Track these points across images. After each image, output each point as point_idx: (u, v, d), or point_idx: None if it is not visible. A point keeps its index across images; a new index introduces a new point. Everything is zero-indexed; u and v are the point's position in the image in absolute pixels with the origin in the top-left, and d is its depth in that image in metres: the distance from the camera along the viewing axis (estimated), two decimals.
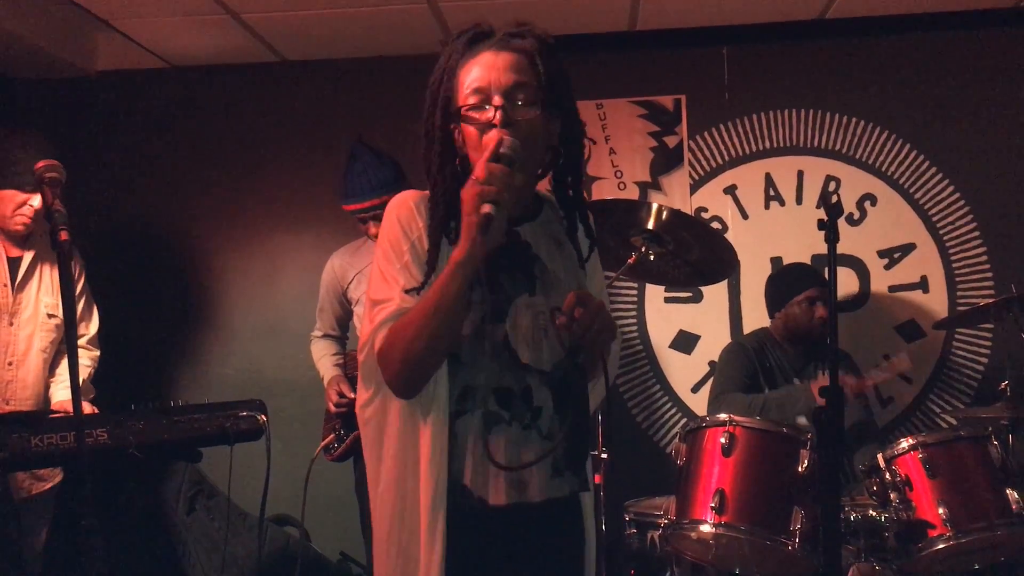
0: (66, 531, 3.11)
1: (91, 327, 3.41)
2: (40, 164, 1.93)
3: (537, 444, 1.68)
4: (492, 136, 1.61)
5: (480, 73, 1.67)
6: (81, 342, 3.33)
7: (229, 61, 4.49)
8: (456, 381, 1.67)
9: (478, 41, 1.71)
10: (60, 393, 3.24)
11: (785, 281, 3.82)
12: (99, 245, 3.42)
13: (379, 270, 1.72)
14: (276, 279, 4.51)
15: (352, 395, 3.36)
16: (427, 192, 1.73)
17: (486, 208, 1.51)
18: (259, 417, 2.98)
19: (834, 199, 2.54)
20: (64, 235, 1.90)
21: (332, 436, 3.56)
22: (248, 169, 4.53)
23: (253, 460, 2.95)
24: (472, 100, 1.66)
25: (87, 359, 3.39)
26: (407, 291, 1.66)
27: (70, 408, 2.98)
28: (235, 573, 3.46)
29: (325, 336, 3.72)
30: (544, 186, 1.82)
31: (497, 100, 1.64)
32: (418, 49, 4.30)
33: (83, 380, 3.26)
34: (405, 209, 1.73)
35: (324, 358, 3.68)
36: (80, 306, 3.31)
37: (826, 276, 2.46)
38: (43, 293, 3.22)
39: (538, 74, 1.67)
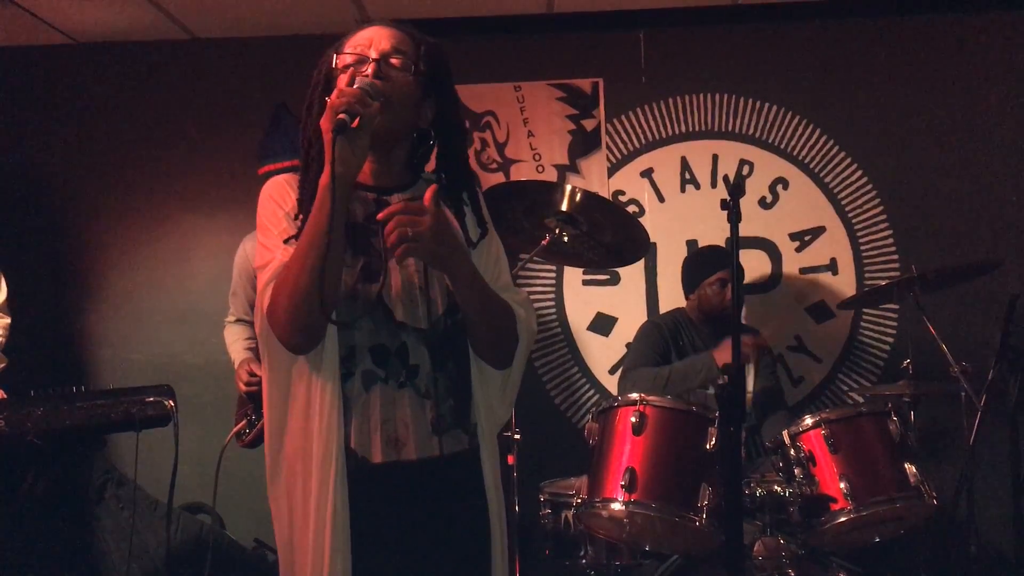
0: None
1: None
2: None
3: (414, 402, 1.71)
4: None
5: (361, 39, 1.75)
6: None
7: (137, 38, 4.36)
8: (342, 343, 1.69)
9: (364, 24, 1.79)
10: None
11: (699, 263, 3.90)
12: None
13: (260, 243, 1.77)
14: (187, 262, 4.41)
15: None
16: (298, 176, 1.78)
17: (341, 116, 1.54)
18: (167, 403, 2.91)
19: (733, 179, 2.57)
20: None
21: (244, 422, 3.50)
22: (158, 150, 4.41)
23: (165, 447, 2.88)
24: (350, 60, 1.73)
25: None
26: (285, 241, 1.70)
27: None
28: (145, 562, 3.39)
29: (239, 321, 3.65)
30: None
31: (373, 55, 1.71)
32: (332, 28, 4.23)
33: None
34: (278, 188, 1.80)
35: (236, 342, 3.62)
36: None
37: (739, 258, 2.49)
38: None
39: (418, 51, 1.75)
